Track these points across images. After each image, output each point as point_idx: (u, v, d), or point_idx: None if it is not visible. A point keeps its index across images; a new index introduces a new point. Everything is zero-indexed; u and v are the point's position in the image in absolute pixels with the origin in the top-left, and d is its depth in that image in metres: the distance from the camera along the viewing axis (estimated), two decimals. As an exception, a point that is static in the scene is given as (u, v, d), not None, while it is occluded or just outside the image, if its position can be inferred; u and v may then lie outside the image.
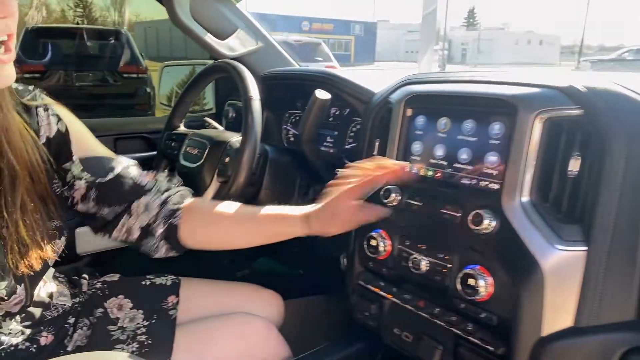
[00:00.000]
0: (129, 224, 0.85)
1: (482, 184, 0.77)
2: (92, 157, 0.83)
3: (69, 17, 13.61)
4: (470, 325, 0.76)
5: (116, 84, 6.22)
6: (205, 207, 0.89)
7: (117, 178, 0.83)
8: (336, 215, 0.80)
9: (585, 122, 0.68)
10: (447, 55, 32.51)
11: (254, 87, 0.98)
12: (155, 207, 0.85)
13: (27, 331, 0.78)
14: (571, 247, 0.67)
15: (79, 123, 0.84)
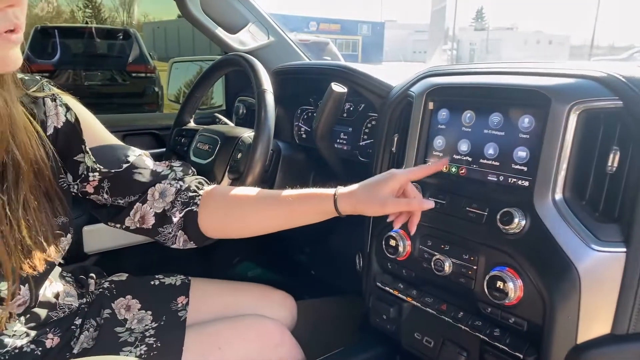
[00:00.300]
0: (143, 210, 0.81)
1: (510, 180, 0.72)
2: (105, 147, 0.80)
3: (78, 17, 13.71)
4: (497, 330, 0.71)
5: (125, 83, 6.24)
6: (225, 192, 0.84)
7: (132, 167, 0.80)
8: (374, 196, 0.72)
9: (625, 114, 0.63)
10: (456, 55, 32.37)
11: (267, 79, 0.94)
12: (171, 193, 0.82)
13: (31, 333, 0.75)
14: (609, 248, 0.63)
15: (88, 113, 0.81)
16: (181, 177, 0.85)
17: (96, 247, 1.30)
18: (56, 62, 5.86)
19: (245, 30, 1.36)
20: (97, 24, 13.31)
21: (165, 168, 0.85)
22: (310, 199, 0.77)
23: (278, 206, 0.79)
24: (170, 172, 0.84)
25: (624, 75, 0.64)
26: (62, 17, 13.23)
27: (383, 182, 0.72)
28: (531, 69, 0.74)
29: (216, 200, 0.83)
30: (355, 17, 58.14)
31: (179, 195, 0.82)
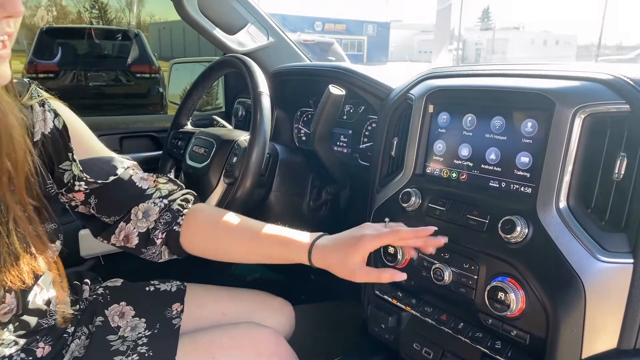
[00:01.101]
0: (127, 230, 0.81)
1: (513, 187, 0.70)
2: (92, 157, 0.78)
3: (85, 18, 13.77)
4: (498, 343, 0.69)
5: (129, 83, 6.24)
6: (209, 215, 0.84)
7: (118, 181, 0.79)
8: (344, 263, 0.70)
9: (632, 118, 0.60)
10: (462, 55, 32.25)
11: (264, 82, 0.92)
12: (155, 212, 0.81)
13: (21, 341, 0.73)
14: (616, 259, 0.60)
15: (77, 120, 0.79)
16: (166, 194, 0.83)
17: (93, 251, 1.28)
18: (61, 63, 5.88)
19: (244, 31, 1.34)
20: (103, 25, 13.37)
21: (151, 185, 0.83)
22: (287, 246, 0.76)
23: (257, 245, 0.79)
24: (155, 191, 0.83)
25: (631, 77, 0.61)
26: (69, 18, 13.29)
27: (353, 249, 0.69)
28: (534, 71, 0.72)
29: (198, 222, 0.82)
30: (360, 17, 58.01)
31: (163, 214, 0.81)
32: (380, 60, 28.76)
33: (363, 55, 29.59)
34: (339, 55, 8.93)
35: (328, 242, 0.72)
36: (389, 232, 0.69)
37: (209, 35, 1.26)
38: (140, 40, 6.37)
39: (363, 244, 0.68)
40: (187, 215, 0.82)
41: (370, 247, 0.69)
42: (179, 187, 0.86)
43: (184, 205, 0.83)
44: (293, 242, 0.75)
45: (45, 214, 0.72)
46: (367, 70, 1.07)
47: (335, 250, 0.71)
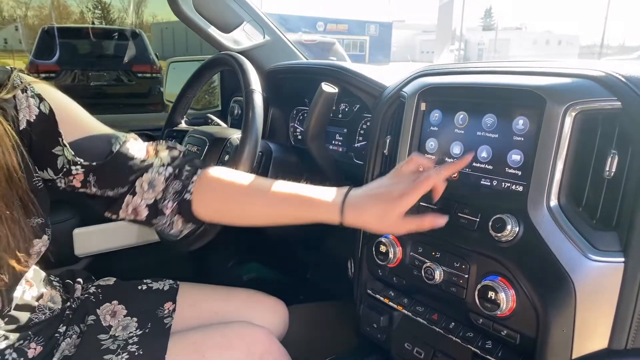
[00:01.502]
0: (134, 202, 0.78)
1: (504, 185, 0.69)
2: (85, 139, 0.74)
3: (88, 18, 13.82)
4: (489, 342, 0.68)
5: (130, 83, 6.26)
6: (220, 182, 0.79)
7: (115, 158, 0.75)
8: (383, 222, 0.67)
9: (623, 115, 0.59)
10: (464, 55, 32.19)
11: (256, 79, 0.91)
12: (160, 182, 0.78)
13: (11, 336, 0.73)
14: (607, 257, 0.59)
15: (65, 101, 0.75)
16: (169, 162, 0.80)
17: (87, 250, 1.28)
18: (62, 62, 5.89)
19: (239, 29, 1.33)
20: (105, 25, 13.42)
21: (152, 154, 0.79)
22: (314, 205, 0.71)
23: (278, 206, 0.74)
24: (156, 159, 0.79)
25: (623, 74, 0.60)
26: (72, 18, 13.33)
27: (391, 206, 0.66)
28: (526, 68, 0.71)
29: (211, 188, 0.78)
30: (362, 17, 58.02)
31: (170, 183, 0.78)
32: (382, 60, 28.75)
33: (365, 56, 29.58)
34: (340, 55, 8.92)
35: (361, 199, 0.68)
36: (424, 181, 0.66)
37: (204, 33, 1.25)
38: (141, 40, 6.38)
39: (402, 201, 0.65)
40: (198, 182, 0.78)
41: (411, 203, 0.66)
42: (181, 153, 0.83)
43: (193, 172, 0.79)
44: (319, 201, 0.70)
45: (31, 209, 0.69)
46: (361, 68, 1.06)
47: (370, 208, 0.67)
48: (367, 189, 0.69)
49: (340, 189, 0.71)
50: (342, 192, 0.70)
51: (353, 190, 0.70)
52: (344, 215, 0.68)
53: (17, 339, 0.74)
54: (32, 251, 0.70)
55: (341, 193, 0.70)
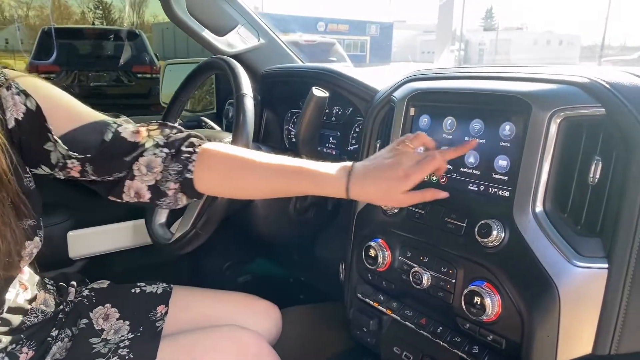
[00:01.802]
0: (135, 186, 0.77)
1: (491, 191, 0.69)
2: (76, 130, 0.73)
3: (89, 18, 13.84)
4: (476, 347, 0.68)
5: (130, 84, 6.27)
6: (221, 158, 0.78)
7: (109, 147, 0.74)
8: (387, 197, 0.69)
9: (607, 122, 0.60)
10: (464, 55, 32.18)
11: (247, 83, 0.91)
12: (157, 164, 0.77)
13: (4, 339, 0.73)
14: (591, 263, 0.59)
15: (52, 92, 0.74)
16: (164, 142, 0.79)
17: (81, 252, 1.28)
18: (62, 63, 5.90)
19: (234, 32, 1.33)
20: (106, 25, 13.44)
21: (144, 136, 0.78)
22: (318, 179, 0.71)
23: (280, 180, 0.74)
24: (149, 140, 0.78)
25: (607, 80, 0.61)
26: (73, 19, 13.36)
27: (397, 183, 0.67)
28: (513, 73, 0.71)
29: (211, 165, 0.78)
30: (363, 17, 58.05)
31: (169, 164, 0.77)
32: (383, 60, 28.73)
33: (366, 56, 29.56)
34: (340, 55, 8.92)
35: (366, 173, 0.69)
36: (429, 162, 0.68)
37: (198, 36, 1.25)
38: (141, 40, 6.39)
39: (407, 181, 0.67)
40: (198, 160, 0.77)
41: (416, 182, 0.67)
42: (175, 130, 0.82)
43: (191, 150, 0.79)
44: (325, 175, 0.71)
45: (23, 210, 0.69)
46: (354, 72, 1.06)
47: (375, 184, 0.68)
48: (370, 165, 0.70)
49: (344, 164, 0.72)
50: (346, 167, 0.71)
51: (357, 166, 0.71)
52: (349, 190, 0.69)
53: (9, 342, 0.74)
54: (24, 253, 0.69)
55: (345, 168, 0.71)
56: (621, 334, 0.59)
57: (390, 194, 0.68)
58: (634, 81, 0.60)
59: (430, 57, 31.67)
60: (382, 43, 30.96)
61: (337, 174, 0.70)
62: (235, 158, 0.77)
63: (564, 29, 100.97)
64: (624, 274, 0.58)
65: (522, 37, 46.03)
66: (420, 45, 42.88)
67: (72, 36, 6.36)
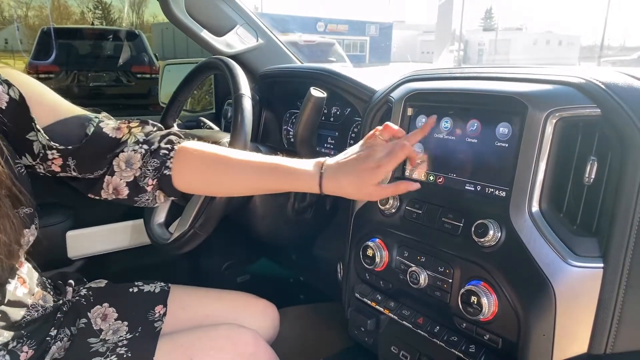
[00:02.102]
0: (114, 182, 0.79)
1: (487, 191, 0.69)
2: (58, 122, 0.74)
3: (88, 19, 13.84)
4: (472, 347, 0.69)
5: (130, 84, 6.27)
6: (198, 156, 0.80)
7: (91, 140, 0.75)
8: (360, 191, 0.71)
9: (603, 122, 0.60)
10: (464, 55, 32.19)
11: (245, 84, 0.92)
12: (137, 160, 0.79)
13: (5, 333, 0.73)
14: (586, 263, 0.60)
15: (35, 84, 0.74)
16: (144, 139, 0.80)
17: (80, 252, 1.28)
18: (61, 63, 5.90)
19: (232, 32, 1.33)
20: (106, 25, 13.44)
21: (125, 132, 0.80)
22: (293, 175, 0.74)
23: (257, 177, 0.76)
24: (130, 137, 0.79)
25: (603, 81, 0.61)
26: (73, 19, 13.36)
27: (369, 174, 0.69)
28: (510, 74, 0.71)
29: (189, 162, 0.79)
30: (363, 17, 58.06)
31: (147, 160, 0.79)
32: (382, 60, 28.75)
33: (365, 56, 29.58)
34: (339, 56, 8.92)
35: (339, 168, 0.71)
36: (398, 151, 0.70)
37: (196, 37, 1.26)
38: (140, 40, 6.39)
39: (379, 171, 0.69)
40: (176, 157, 0.79)
41: (388, 172, 0.70)
42: (155, 128, 0.83)
43: (169, 147, 0.80)
44: (299, 171, 0.73)
45: (20, 198, 0.69)
46: (352, 72, 1.07)
47: (348, 177, 0.70)
48: (343, 159, 0.73)
49: (318, 160, 0.74)
50: (319, 163, 0.73)
51: (330, 161, 0.73)
52: (322, 185, 0.71)
53: (11, 338, 0.74)
54: (22, 242, 0.70)
55: (319, 164, 0.73)
56: (616, 333, 0.59)
57: (363, 187, 0.70)
58: (629, 82, 0.61)
59: (430, 57, 31.68)
60: (382, 43, 30.97)
61: (311, 170, 0.73)
62: (212, 156, 0.79)
63: (563, 30, 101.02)
64: (619, 273, 0.58)
65: (522, 37, 46.05)
66: (419, 45, 42.88)
67: (71, 36, 6.36)
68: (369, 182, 0.69)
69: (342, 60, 8.74)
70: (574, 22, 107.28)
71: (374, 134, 0.74)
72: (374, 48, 30.31)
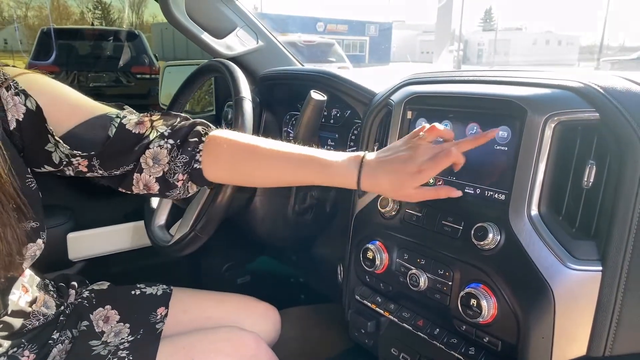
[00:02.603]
0: (143, 179, 0.77)
1: (487, 194, 0.70)
2: (80, 127, 0.72)
3: (88, 19, 13.82)
4: (472, 349, 0.69)
5: (129, 84, 6.26)
6: (230, 143, 0.77)
7: (113, 142, 0.73)
8: (399, 193, 0.67)
9: (602, 126, 0.60)
10: (463, 55, 32.20)
11: (246, 86, 0.92)
12: (164, 156, 0.77)
13: (5, 343, 0.74)
14: (585, 266, 0.60)
15: (53, 89, 0.72)
16: (170, 132, 0.78)
17: (81, 254, 1.29)
18: (61, 64, 5.90)
19: (233, 34, 1.34)
20: (106, 25, 13.42)
21: (148, 127, 0.77)
22: (329, 168, 0.70)
23: (290, 168, 0.73)
24: (152, 132, 0.77)
25: (601, 85, 0.61)
26: (72, 19, 13.34)
27: (411, 178, 0.65)
28: (509, 77, 0.72)
29: (220, 151, 0.76)
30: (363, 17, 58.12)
31: (175, 155, 0.77)
32: (382, 60, 28.75)
33: (365, 56, 29.58)
34: (339, 56, 8.93)
35: (378, 165, 0.67)
36: (444, 157, 0.65)
37: (196, 39, 1.26)
38: (140, 41, 6.38)
39: (421, 176, 0.65)
40: (205, 150, 0.77)
41: (429, 178, 0.66)
42: (179, 119, 0.81)
43: (197, 140, 0.78)
44: (336, 165, 0.69)
45: (25, 212, 0.68)
46: (352, 75, 1.07)
47: (387, 178, 0.66)
48: (383, 157, 0.68)
49: (356, 154, 0.70)
50: (357, 159, 0.69)
51: (368, 154, 0.69)
52: (360, 182, 0.68)
53: (10, 346, 0.74)
54: (26, 254, 0.70)
55: (357, 159, 0.69)
56: (615, 335, 0.59)
57: (403, 189, 0.66)
58: (627, 86, 0.61)
59: (430, 57, 31.69)
60: (381, 43, 30.97)
61: (348, 165, 0.69)
62: (243, 146, 0.76)
63: (563, 30, 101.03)
64: (617, 276, 0.58)
65: (521, 37, 46.05)
66: (419, 45, 42.86)
67: (71, 37, 6.35)
68: (409, 185, 0.66)
69: (342, 60, 8.75)
70: (574, 22, 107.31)
71: (418, 133, 0.69)
72: (374, 48, 30.31)
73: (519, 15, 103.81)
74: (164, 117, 0.80)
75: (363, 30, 30.74)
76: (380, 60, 28.84)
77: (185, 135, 0.78)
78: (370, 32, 30.90)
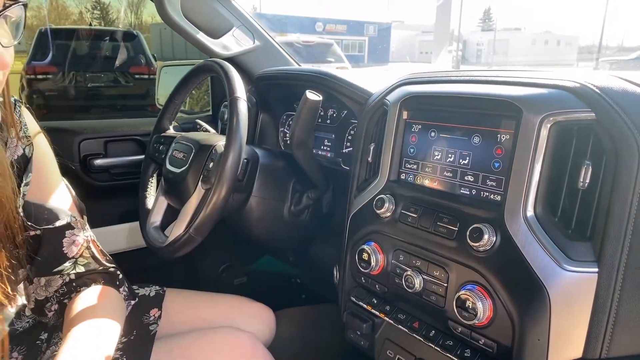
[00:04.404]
0: (27, 291, 0.76)
1: (483, 195, 0.69)
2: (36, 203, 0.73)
3: (86, 19, 13.81)
4: (468, 351, 0.68)
5: (128, 84, 6.24)
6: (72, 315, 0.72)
7: (49, 234, 0.73)
8: None
9: (598, 127, 0.60)
10: (462, 56, 32.21)
11: (241, 87, 0.91)
12: (56, 285, 0.75)
13: None
14: (581, 268, 0.59)
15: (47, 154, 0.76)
16: (81, 272, 0.76)
17: (76, 255, 1.28)
18: (59, 64, 5.88)
19: (229, 34, 1.33)
20: (104, 25, 13.41)
21: (77, 255, 0.76)
22: None
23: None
24: (71, 265, 0.75)
25: (597, 85, 0.61)
26: (71, 19, 13.33)
27: None
28: (505, 77, 0.71)
29: (68, 312, 0.73)
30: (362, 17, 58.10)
31: (64, 288, 0.75)
32: (381, 61, 28.76)
33: (364, 56, 29.59)
34: (338, 56, 8.92)
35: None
36: None
37: (192, 39, 1.26)
38: (138, 41, 6.37)
39: None
40: (75, 297, 0.74)
41: None
42: (100, 266, 0.79)
43: (86, 283, 0.76)
44: None
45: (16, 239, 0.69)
46: (348, 75, 1.07)
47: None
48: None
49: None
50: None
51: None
52: None
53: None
54: (18, 279, 0.70)
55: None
56: (611, 338, 0.59)
57: None
58: (623, 86, 0.61)
59: (428, 58, 31.69)
60: (380, 44, 30.97)
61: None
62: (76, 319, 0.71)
63: (562, 30, 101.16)
64: (613, 278, 0.58)
65: (520, 37, 46.09)
66: (418, 45, 42.87)
67: (69, 37, 6.33)
68: None
69: (340, 60, 8.74)
70: (572, 22, 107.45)
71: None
72: (373, 48, 30.32)
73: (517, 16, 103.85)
74: (93, 258, 0.78)
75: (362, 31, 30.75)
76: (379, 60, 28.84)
77: (83, 276, 0.76)
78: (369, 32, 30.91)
